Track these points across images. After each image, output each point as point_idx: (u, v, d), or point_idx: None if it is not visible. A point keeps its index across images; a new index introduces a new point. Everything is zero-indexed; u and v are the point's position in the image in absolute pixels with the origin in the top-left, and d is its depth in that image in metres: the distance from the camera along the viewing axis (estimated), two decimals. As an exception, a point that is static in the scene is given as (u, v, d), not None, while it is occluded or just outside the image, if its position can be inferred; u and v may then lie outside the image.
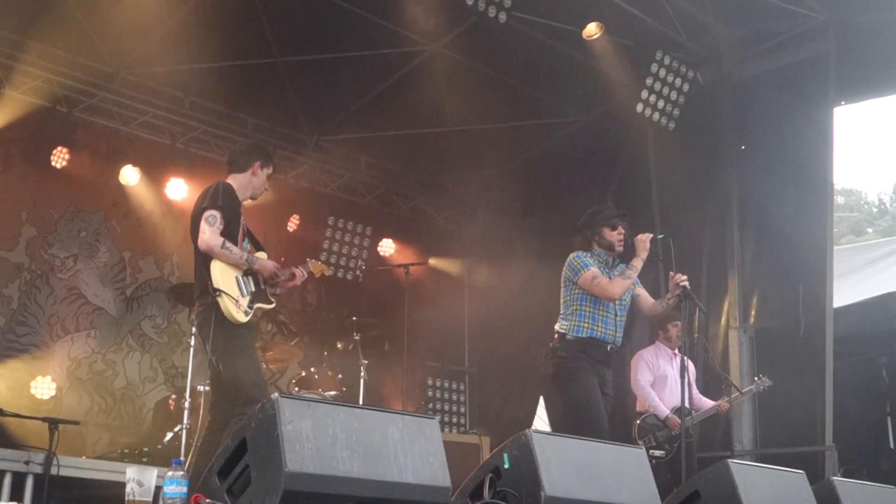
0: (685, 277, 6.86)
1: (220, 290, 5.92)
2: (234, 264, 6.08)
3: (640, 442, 8.67)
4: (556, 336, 7.00)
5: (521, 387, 11.34)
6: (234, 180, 6.34)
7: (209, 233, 6.00)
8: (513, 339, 11.54)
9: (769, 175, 10.08)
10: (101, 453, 9.36)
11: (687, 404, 7.47)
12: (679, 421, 8.33)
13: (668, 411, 8.78)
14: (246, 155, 6.44)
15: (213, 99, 10.47)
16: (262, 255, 6.40)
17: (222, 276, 6.01)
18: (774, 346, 9.92)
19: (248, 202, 6.53)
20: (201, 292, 6.08)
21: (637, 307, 7.14)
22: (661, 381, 9.03)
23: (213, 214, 6.05)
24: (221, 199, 6.09)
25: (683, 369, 7.13)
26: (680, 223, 10.12)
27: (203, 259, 6.06)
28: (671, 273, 6.90)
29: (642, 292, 7.16)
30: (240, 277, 6.10)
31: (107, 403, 10.37)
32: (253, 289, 6.15)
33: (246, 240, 6.30)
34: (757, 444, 9.81)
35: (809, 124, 9.85)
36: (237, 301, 5.96)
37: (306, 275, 6.67)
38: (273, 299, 6.39)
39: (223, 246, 5.99)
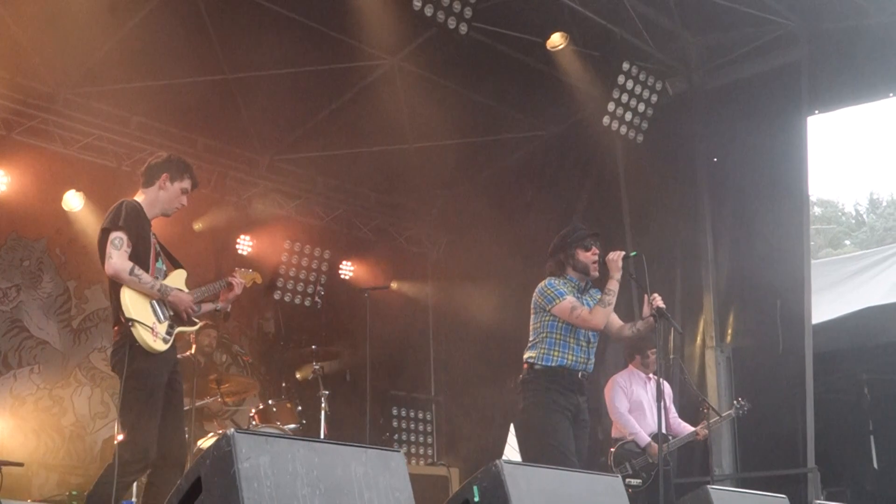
0: (660, 298, 6.55)
1: (133, 320, 5.52)
2: (144, 293, 5.66)
3: (616, 470, 8.45)
4: (525, 366, 6.73)
5: (490, 414, 11.15)
6: (143, 195, 5.96)
7: (116, 257, 5.58)
8: (480, 364, 11.50)
9: (743, 187, 10.04)
10: (48, 496, 9.18)
11: (664, 430, 7.16)
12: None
13: (649, 438, 8.54)
14: (155, 168, 6.01)
15: (161, 119, 10.24)
16: (179, 274, 5.99)
17: (134, 302, 5.58)
18: (753, 366, 9.85)
19: (160, 219, 6.13)
20: (115, 321, 5.72)
21: (605, 329, 6.81)
22: (637, 406, 8.83)
23: (118, 237, 5.65)
24: (123, 220, 5.68)
25: (660, 394, 6.86)
26: (652, 239, 10.10)
27: (113, 285, 5.69)
28: (645, 295, 6.60)
29: (612, 315, 6.83)
30: (154, 303, 5.70)
31: (54, 442, 10.04)
32: (171, 313, 5.76)
33: (160, 259, 5.91)
34: (737, 468, 9.72)
35: (783, 134, 9.80)
36: (152, 329, 5.57)
37: (243, 283, 6.23)
38: (197, 321, 5.98)
39: (131, 272, 5.56)
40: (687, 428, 8.78)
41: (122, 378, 5.52)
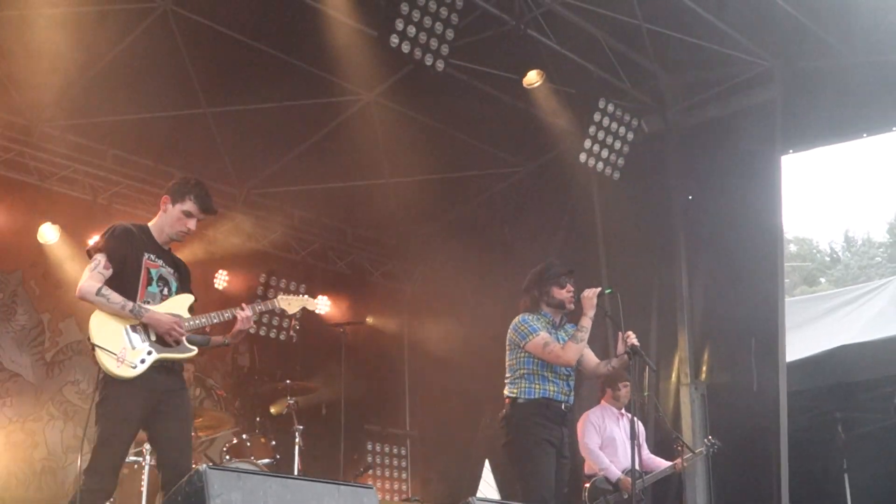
0: (634, 336, 6.55)
1: (94, 344, 5.35)
2: (114, 315, 5.43)
3: (591, 508, 8.32)
4: (507, 401, 6.67)
5: (465, 450, 11.04)
6: (156, 218, 5.83)
7: (85, 278, 5.45)
8: (455, 399, 11.42)
9: (718, 225, 10.03)
10: None
11: (637, 466, 7.13)
12: (630, 483, 8.16)
13: (620, 473, 8.47)
14: (164, 190, 5.86)
15: (137, 152, 10.21)
16: (181, 299, 5.75)
17: (102, 326, 5.40)
18: (727, 403, 9.80)
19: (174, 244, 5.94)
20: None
21: (580, 366, 6.81)
22: (609, 442, 8.77)
23: (96, 259, 5.53)
24: (105, 242, 5.56)
25: (633, 429, 6.80)
26: (628, 276, 10.01)
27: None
28: (619, 332, 6.60)
29: (587, 352, 6.86)
30: (129, 327, 5.45)
31: (25, 476, 9.90)
32: (153, 338, 5.49)
33: (155, 284, 5.69)
34: None
35: (757, 173, 9.79)
36: (117, 355, 5.34)
37: (251, 314, 5.85)
38: (192, 347, 5.67)
39: (98, 293, 5.38)
40: (661, 463, 8.70)
41: (92, 404, 5.41)
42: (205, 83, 9.57)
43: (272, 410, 9.91)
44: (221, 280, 11.36)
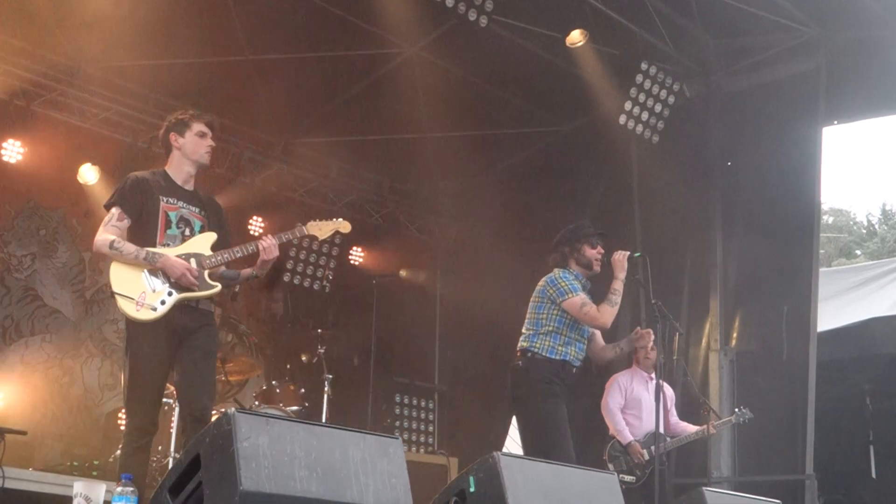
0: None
1: (114, 292, 5.43)
2: (131, 264, 5.49)
3: (610, 466, 8.41)
4: (522, 354, 6.69)
5: (493, 406, 11.06)
6: (168, 164, 5.92)
7: (99, 233, 5.55)
8: (485, 355, 11.37)
9: (755, 193, 9.95)
10: (51, 465, 9.04)
11: (662, 429, 7.17)
12: (640, 449, 8.33)
13: (632, 438, 8.49)
14: (162, 137, 5.94)
15: (179, 97, 10.12)
16: (202, 238, 5.76)
17: (121, 274, 5.47)
18: (756, 370, 9.75)
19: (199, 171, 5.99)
20: None
21: (588, 348, 6.82)
22: (636, 405, 8.71)
23: (110, 213, 5.63)
24: (117, 195, 5.65)
25: (659, 393, 6.81)
26: (662, 239, 9.99)
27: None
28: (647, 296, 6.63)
29: (596, 332, 6.84)
30: (147, 272, 5.50)
31: (61, 412, 10.04)
32: (173, 279, 5.52)
33: (175, 227, 5.72)
34: (735, 472, 9.62)
35: (797, 142, 9.72)
36: (136, 300, 5.41)
37: (273, 243, 5.81)
38: (214, 283, 5.66)
39: (111, 246, 5.46)
40: (687, 428, 8.70)
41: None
42: (248, 31, 9.55)
43: (303, 358, 9.97)
44: (256, 226, 11.38)
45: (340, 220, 6.35)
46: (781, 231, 9.61)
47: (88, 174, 10.15)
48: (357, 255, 12.42)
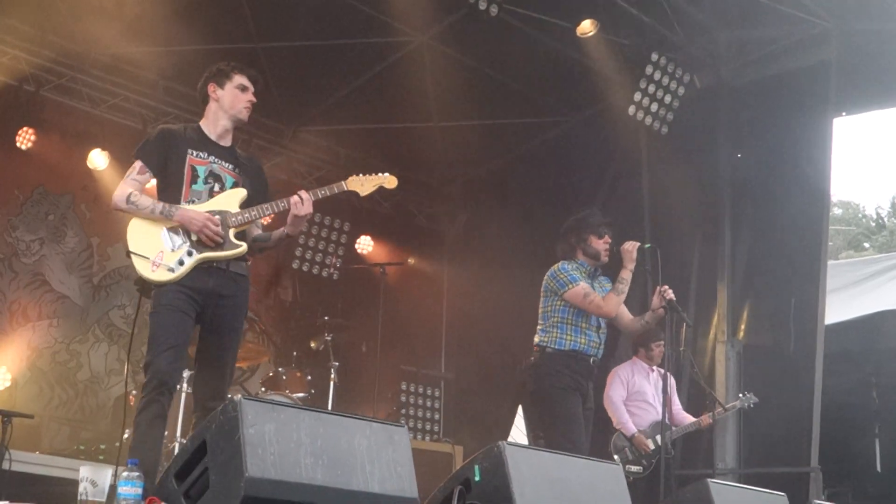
0: (671, 290, 6.61)
1: (130, 252, 5.13)
2: (149, 219, 5.17)
3: (616, 457, 8.44)
4: (535, 349, 6.70)
5: (499, 395, 11.06)
6: (203, 118, 5.62)
7: (118, 187, 5.25)
8: (492, 344, 11.38)
9: (765, 184, 9.89)
10: (58, 449, 9.17)
11: (666, 420, 7.18)
12: (644, 441, 8.39)
13: (636, 429, 8.53)
14: (201, 88, 5.65)
15: (188, 83, 10.10)
16: (231, 194, 5.41)
17: (138, 232, 5.18)
18: (763, 362, 9.71)
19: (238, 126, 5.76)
20: None
21: (616, 321, 6.83)
22: (638, 396, 8.77)
23: (132, 166, 5.32)
24: (141, 147, 5.37)
25: (665, 383, 6.84)
26: (671, 232, 9.94)
27: None
28: (658, 287, 6.62)
29: (622, 308, 6.89)
30: (167, 230, 5.18)
31: (68, 396, 10.08)
32: (194, 237, 5.19)
33: (202, 182, 5.39)
34: (740, 463, 9.59)
35: (808, 134, 9.64)
36: (152, 260, 5.07)
37: (308, 198, 5.38)
38: (240, 243, 5.31)
39: (128, 200, 5.16)
40: (689, 418, 8.75)
41: (134, 326, 5.39)
42: (259, 18, 9.55)
43: (311, 345, 9.98)
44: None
45: (386, 174, 5.76)
46: (790, 223, 9.55)
47: (98, 159, 10.19)
48: (365, 244, 12.43)
